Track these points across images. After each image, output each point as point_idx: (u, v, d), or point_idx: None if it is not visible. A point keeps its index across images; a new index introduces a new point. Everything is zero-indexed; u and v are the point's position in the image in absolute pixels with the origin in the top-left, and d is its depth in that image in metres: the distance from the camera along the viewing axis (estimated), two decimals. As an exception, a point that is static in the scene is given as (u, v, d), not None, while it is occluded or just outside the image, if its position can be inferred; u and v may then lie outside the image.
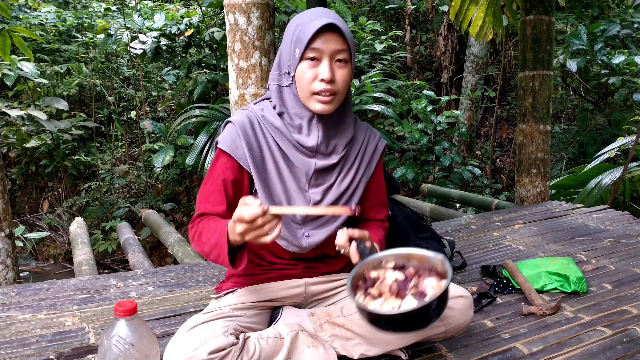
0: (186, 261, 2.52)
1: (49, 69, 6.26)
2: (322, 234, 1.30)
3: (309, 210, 1.23)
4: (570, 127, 6.60)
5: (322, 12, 1.21)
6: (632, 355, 1.35)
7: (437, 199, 4.67)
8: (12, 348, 1.43)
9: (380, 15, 7.74)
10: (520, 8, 3.28)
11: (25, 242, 5.60)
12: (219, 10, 5.42)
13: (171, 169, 5.86)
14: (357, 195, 1.34)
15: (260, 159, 1.27)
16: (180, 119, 4.45)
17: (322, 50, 1.17)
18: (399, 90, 5.26)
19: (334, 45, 1.17)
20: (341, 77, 1.20)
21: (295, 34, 1.20)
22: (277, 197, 1.28)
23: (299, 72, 1.20)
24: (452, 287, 1.31)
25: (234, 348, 1.13)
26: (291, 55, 1.21)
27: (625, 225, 2.58)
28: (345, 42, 1.18)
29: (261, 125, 1.28)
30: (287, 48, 1.23)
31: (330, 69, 1.18)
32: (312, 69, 1.19)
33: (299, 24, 1.21)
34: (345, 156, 1.32)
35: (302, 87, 1.21)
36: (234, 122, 1.27)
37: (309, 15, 1.20)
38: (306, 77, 1.19)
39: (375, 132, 1.40)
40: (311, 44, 1.16)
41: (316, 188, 1.30)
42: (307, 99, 1.22)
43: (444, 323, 1.27)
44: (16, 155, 6.18)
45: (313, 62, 1.18)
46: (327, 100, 1.20)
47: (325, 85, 1.18)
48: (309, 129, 1.26)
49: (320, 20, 1.16)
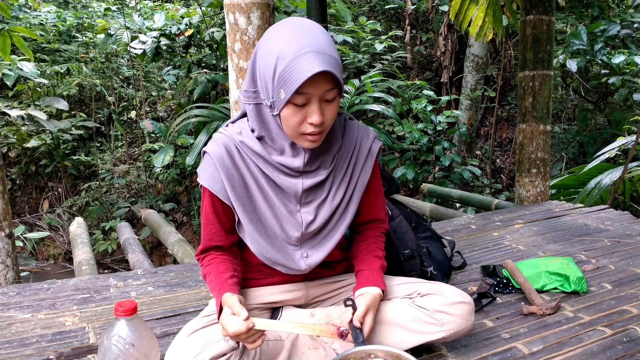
0: (186, 261, 2.52)
1: (49, 69, 6.27)
2: (321, 253, 1.25)
3: (295, 329, 1.13)
4: (570, 127, 6.60)
5: (307, 41, 1.05)
6: (632, 355, 1.35)
7: (437, 199, 4.67)
8: (12, 348, 1.43)
9: (380, 15, 7.74)
10: (520, 8, 3.28)
11: (25, 242, 5.60)
12: (219, 10, 5.42)
13: (171, 169, 5.86)
14: (353, 206, 1.27)
15: (243, 188, 1.20)
16: (180, 119, 4.45)
17: (311, 94, 1.06)
18: (399, 90, 5.26)
19: (323, 88, 1.06)
20: (330, 113, 1.11)
21: (278, 72, 1.05)
22: (267, 223, 1.22)
23: (284, 114, 1.09)
24: (454, 293, 1.30)
25: (234, 352, 1.12)
26: (274, 92, 1.08)
27: (625, 225, 2.58)
28: (335, 79, 1.06)
29: (240, 152, 1.20)
30: (269, 79, 1.08)
31: (320, 111, 1.08)
32: (299, 112, 1.08)
33: (282, 57, 1.04)
34: (334, 169, 1.24)
35: (289, 127, 1.11)
36: (210, 154, 1.20)
37: (294, 47, 1.04)
38: (293, 121, 1.09)
39: (369, 131, 1.31)
40: (299, 89, 1.04)
41: (307, 207, 1.23)
42: (294, 137, 1.14)
43: (445, 329, 1.25)
44: (16, 155, 6.18)
45: (301, 107, 1.08)
46: (316, 139, 1.12)
47: (314, 128, 1.09)
48: (293, 151, 1.18)
49: (310, 66, 1.01)
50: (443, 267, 1.83)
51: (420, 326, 1.25)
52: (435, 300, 1.27)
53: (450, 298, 1.28)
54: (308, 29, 1.08)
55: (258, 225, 1.22)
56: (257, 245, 1.22)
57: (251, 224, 1.21)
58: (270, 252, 1.22)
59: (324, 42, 1.06)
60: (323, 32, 1.09)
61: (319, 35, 1.07)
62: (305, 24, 1.09)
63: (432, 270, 1.73)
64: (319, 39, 1.06)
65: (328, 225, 1.25)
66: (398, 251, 1.68)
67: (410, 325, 1.24)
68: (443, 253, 1.90)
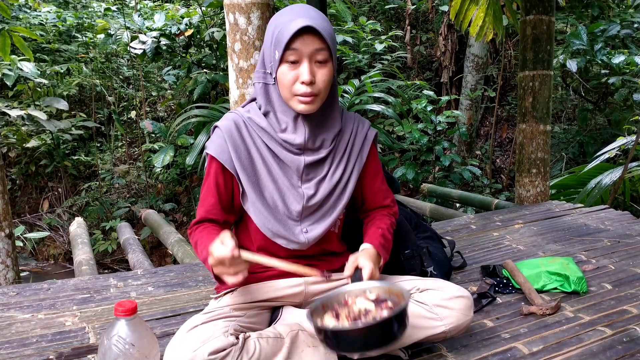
0: (186, 261, 2.52)
1: (49, 69, 6.26)
2: (320, 228, 1.31)
3: (280, 266, 1.19)
4: (570, 127, 6.60)
5: (300, 11, 1.20)
6: (632, 355, 1.35)
7: (437, 199, 4.67)
8: (12, 348, 1.43)
9: (380, 15, 7.74)
10: (520, 8, 3.28)
11: (25, 242, 5.60)
12: (219, 10, 5.42)
13: (171, 169, 5.86)
14: (351, 185, 1.35)
15: (248, 160, 1.28)
16: (180, 119, 4.45)
17: (300, 51, 1.17)
18: (399, 90, 5.26)
19: (312, 46, 1.17)
20: (321, 77, 1.20)
21: (274, 35, 1.19)
22: (269, 195, 1.29)
23: (279, 74, 1.21)
24: (453, 287, 1.32)
25: (234, 348, 1.13)
26: (272, 57, 1.21)
27: (625, 225, 2.58)
28: (324, 42, 1.18)
29: (247, 126, 1.30)
30: (268, 49, 1.23)
31: (310, 70, 1.18)
32: (292, 71, 1.19)
33: (277, 24, 1.20)
34: (334, 149, 1.34)
35: (284, 88, 1.22)
36: (220, 127, 1.29)
37: (287, 15, 1.19)
38: (287, 79, 1.20)
39: (364, 120, 1.41)
40: (289, 45, 1.16)
41: (309, 182, 1.31)
42: (289, 100, 1.24)
43: (444, 323, 1.27)
44: (16, 155, 6.19)
45: (293, 65, 1.19)
46: (308, 101, 1.21)
47: (306, 88, 1.19)
48: (294, 127, 1.27)
49: (297, 22, 1.15)
50: (443, 267, 1.83)
51: (420, 321, 1.26)
52: (434, 295, 1.29)
53: (449, 292, 1.30)
54: (304, 7, 1.22)
55: (261, 197, 1.28)
56: (260, 215, 1.28)
57: (255, 194, 1.27)
58: (272, 223, 1.28)
59: (317, 15, 1.20)
60: (319, 12, 1.22)
61: (313, 11, 1.21)
62: (304, 6, 1.24)
63: (432, 270, 1.73)
64: (312, 12, 1.20)
65: (327, 201, 1.33)
66: (398, 251, 1.69)
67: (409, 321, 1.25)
68: (443, 253, 1.90)
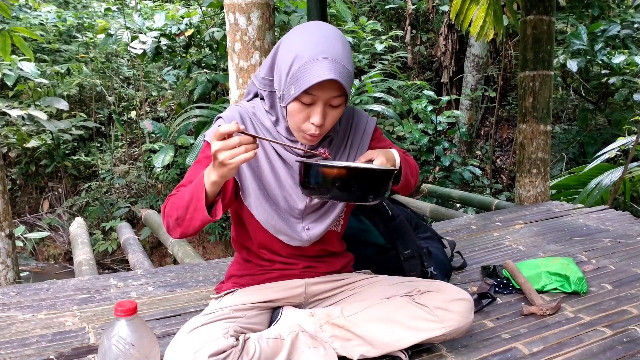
0: (186, 261, 2.52)
1: (49, 69, 6.26)
2: (322, 226, 1.31)
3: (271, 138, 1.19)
4: (571, 127, 6.60)
5: (325, 48, 1.12)
6: (632, 355, 1.35)
7: (437, 199, 4.67)
8: (12, 348, 1.43)
9: (381, 15, 7.74)
10: (521, 8, 3.28)
11: (26, 242, 5.60)
12: (219, 10, 5.42)
13: (171, 169, 5.86)
14: None
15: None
16: (180, 119, 4.45)
17: (317, 96, 1.14)
18: (399, 90, 5.26)
19: (330, 94, 1.14)
20: (331, 118, 1.19)
21: (292, 68, 1.13)
22: (272, 193, 1.28)
23: (290, 108, 1.18)
24: (454, 290, 1.32)
25: (234, 350, 1.12)
26: (285, 86, 1.16)
27: (626, 226, 2.57)
28: (342, 87, 1.14)
29: (252, 121, 1.28)
30: (284, 73, 1.16)
31: (323, 114, 1.16)
32: (304, 110, 1.16)
33: (298, 56, 1.13)
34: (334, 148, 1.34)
35: (292, 121, 1.20)
36: (224, 117, 1.26)
37: (310, 49, 1.12)
38: (297, 117, 1.18)
39: (361, 111, 1.39)
40: (308, 90, 1.12)
41: None
42: (294, 130, 1.23)
43: (444, 326, 1.26)
44: (16, 155, 6.19)
45: (307, 105, 1.16)
46: (313, 139, 1.22)
47: (315, 130, 1.18)
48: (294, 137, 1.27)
49: (322, 70, 1.09)
50: (443, 267, 1.83)
51: (420, 323, 1.25)
52: (435, 297, 1.29)
53: (450, 295, 1.29)
54: (329, 36, 1.15)
55: (264, 193, 1.27)
56: (262, 211, 1.26)
57: (258, 189, 1.26)
58: (275, 219, 1.27)
59: (341, 51, 1.14)
60: (343, 42, 1.17)
61: (338, 45, 1.15)
62: (329, 31, 1.17)
63: (433, 270, 1.73)
64: (336, 47, 1.14)
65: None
66: (398, 251, 1.69)
67: (410, 323, 1.25)
68: (443, 253, 1.90)
